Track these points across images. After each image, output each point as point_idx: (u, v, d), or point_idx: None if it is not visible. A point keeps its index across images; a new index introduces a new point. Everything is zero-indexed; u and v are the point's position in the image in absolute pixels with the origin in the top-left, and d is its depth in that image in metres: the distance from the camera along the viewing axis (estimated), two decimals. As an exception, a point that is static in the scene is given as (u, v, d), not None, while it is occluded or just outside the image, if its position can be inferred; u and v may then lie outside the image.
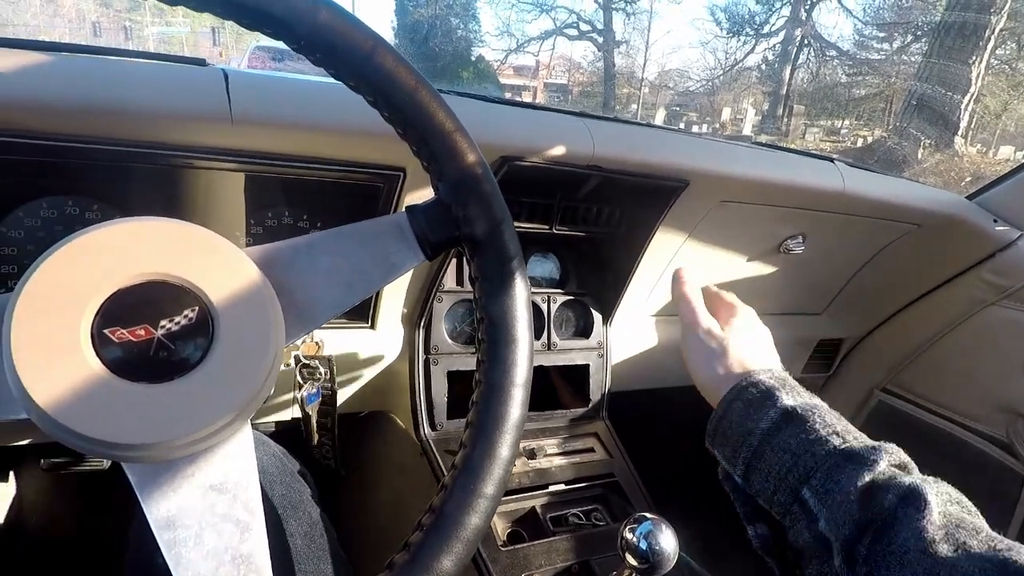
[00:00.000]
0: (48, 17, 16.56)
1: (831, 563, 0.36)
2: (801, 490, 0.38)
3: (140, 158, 0.55)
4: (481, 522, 0.37)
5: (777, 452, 0.39)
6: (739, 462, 0.42)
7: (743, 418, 0.42)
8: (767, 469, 0.40)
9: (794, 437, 0.39)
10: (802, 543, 0.38)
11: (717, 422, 0.44)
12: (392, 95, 0.38)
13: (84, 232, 0.31)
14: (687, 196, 0.79)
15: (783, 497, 0.39)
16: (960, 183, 8.17)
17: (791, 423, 0.40)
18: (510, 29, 20.34)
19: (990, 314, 1.07)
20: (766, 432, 0.40)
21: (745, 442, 0.41)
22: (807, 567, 0.38)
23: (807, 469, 0.38)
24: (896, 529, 0.34)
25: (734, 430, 0.42)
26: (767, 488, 0.40)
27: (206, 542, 0.33)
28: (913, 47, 14.67)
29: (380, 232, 0.40)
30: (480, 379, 0.40)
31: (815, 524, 0.37)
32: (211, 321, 0.33)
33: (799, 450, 0.39)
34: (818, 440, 0.39)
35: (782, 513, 0.39)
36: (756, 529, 0.42)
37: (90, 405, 0.30)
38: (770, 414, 0.41)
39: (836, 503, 0.36)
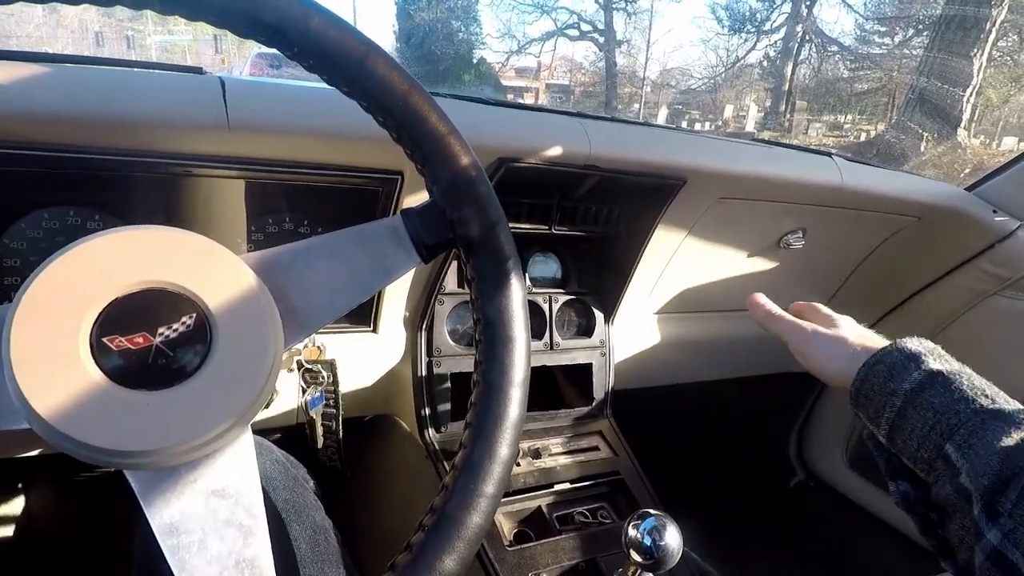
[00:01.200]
0: (51, 28, 16.69)
1: (971, 514, 0.36)
2: (945, 446, 0.38)
3: (140, 167, 0.55)
4: (482, 521, 0.37)
5: (921, 411, 0.40)
6: (883, 421, 0.42)
7: (886, 379, 0.43)
8: (911, 427, 0.40)
9: (938, 396, 0.40)
10: (944, 498, 0.38)
11: (860, 384, 0.44)
12: (385, 100, 0.39)
13: (80, 242, 0.32)
14: (685, 194, 0.79)
15: (927, 453, 0.39)
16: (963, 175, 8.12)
17: (935, 383, 0.41)
18: (511, 31, 20.37)
19: (992, 304, 1.06)
20: (909, 392, 0.41)
21: (888, 402, 0.42)
22: (949, 523, 0.39)
23: (951, 426, 0.38)
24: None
25: (876, 391, 0.43)
26: (910, 445, 0.40)
27: (209, 547, 0.33)
28: (915, 41, 14.61)
29: (376, 235, 0.41)
30: (478, 379, 0.40)
31: (956, 478, 0.37)
32: (209, 327, 0.33)
33: (943, 408, 0.39)
34: (963, 399, 0.39)
35: (926, 470, 0.40)
36: (898, 486, 0.43)
37: (90, 413, 0.30)
38: (914, 375, 0.42)
39: (978, 456, 0.36)
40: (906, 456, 0.41)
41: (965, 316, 1.10)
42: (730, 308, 1.07)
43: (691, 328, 1.04)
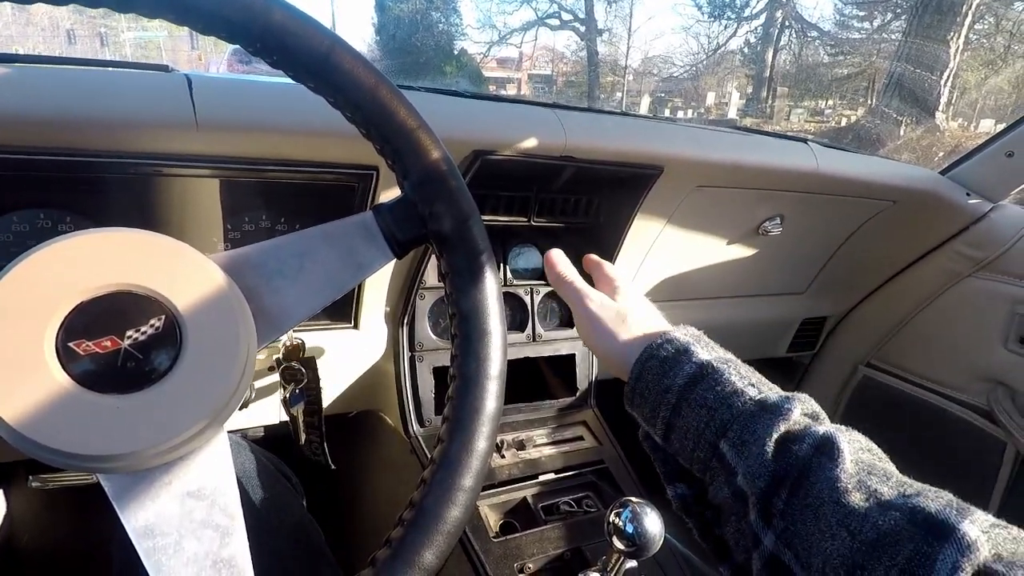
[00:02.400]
0: (20, 27, 16.27)
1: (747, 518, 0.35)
2: (719, 444, 0.37)
3: (109, 168, 0.54)
4: (461, 514, 0.38)
5: (694, 408, 0.38)
6: (659, 422, 0.40)
7: (659, 376, 0.40)
8: (685, 426, 0.39)
9: (710, 391, 0.38)
10: (721, 500, 0.37)
11: (634, 383, 0.42)
12: (352, 95, 0.38)
13: (42, 246, 0.31)
14: (663, 182, 0.80)
15: (702, 453, 0.38)
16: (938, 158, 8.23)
17: (707, 377, 0.39)
18: (492, 21, 20.22)
19: (967, 286, 1.09)
20: (683, 388, 0.39)
21: (663, 400, 0.40)
22: (725, 525, 0.37)
23: (724, 422, 0.37)
24: (811, 480, 0.33)
25: (651, 389, 0.41)
26: (687, 445, 0.39)
27: (186, 549, 0.33)
28: (893, 25, 14.72)
29: (347, 232, 0.40)
30: (454, 373, 0.40)
31: (733, 478, 0.36)
32: (178, 329, 0.33)
33: (716, 404, 0.38)
34: (734, 392, 0.38)
35: (702, 470, 0.38)
36: (676, 489, 0.41)
37: (59, 419, 0.30)
38: (686, 369, 0.40)
39: (752, 455, 0.35)
40: (682, 457, 0.40)
41: (941, 298, 1.13)
42: (711, 296, 1.08)
43: (673, 316, 1.03)
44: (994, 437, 1.04)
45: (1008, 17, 11.77)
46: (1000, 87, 12.02)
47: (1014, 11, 11.66)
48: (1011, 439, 1.01)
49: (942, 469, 1.12)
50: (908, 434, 1.15)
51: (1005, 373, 1.04)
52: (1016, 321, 1.02)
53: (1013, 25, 11.65)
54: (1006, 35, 11.84)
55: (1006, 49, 11.84)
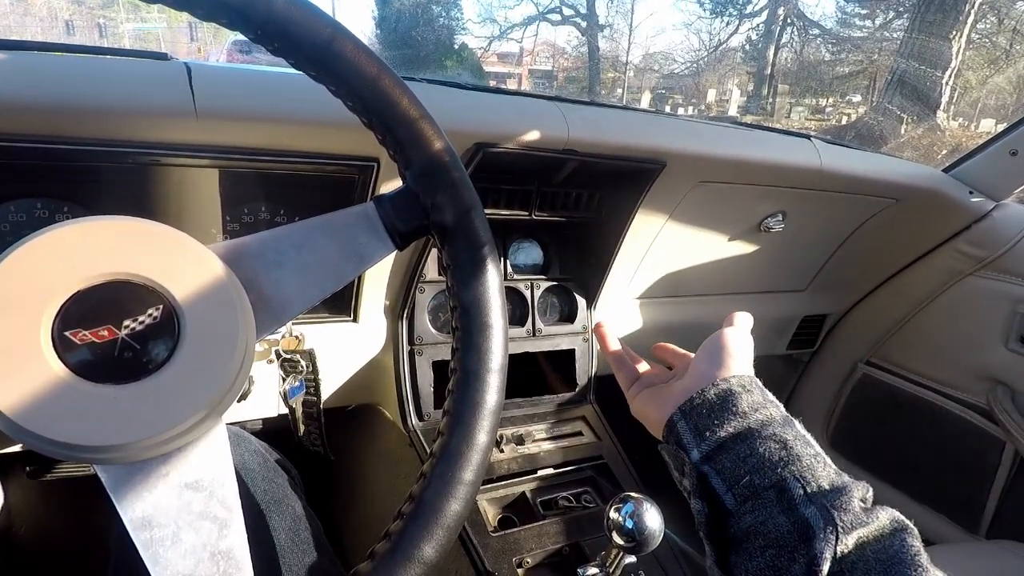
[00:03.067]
0: (19, 16, 16.18)
1: (800, 551, 0.35)
2: (787, 479, 0.37)
3: (107, 157, 0.54)
4: (461, 508, 0.37)
5: (768, 441, 0.39)
6: (713, 438, 0.41)
7: (736, 402, 0.41)
8: (747, 452, 0.39)
9: (792, 437, 0.39)
10: (768, 528, 0.36)
11: (712, 396, 0.42)
12: (354, 84, 0.38)
13: (39, 233, 0.31)
14: (665, 177, 0.79)
15: (760, 480, 0.38)
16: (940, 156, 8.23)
17: (793, 427, 0.40)
18: (493, 16, 20.14)
19: (968, 285, 1.08)
20: (765, 421, 0.40)
21: (730, 421, 0.40)
22: (753, 557, 0.37)
23: (801, 466, 0.38)
24: (888, 543, 0.34)
25: (726, 408, 0.41)
26: (739, 469, 0.39)
27: (184, 540, 0.33)
28: (895, 23, 14.68)
29: (348, 223, 0.40)
30: (455, 367, 0.40)
31: (797, 510, 0.36)
32: (176, 319, 0.32)
33: (794, 448, 0.38)
34: (816, 454, 0.39)
35: (744, 496, 0.38)
36: (702, 505, 0.40)
37: (55, 409, 0.29)
38: (770, 410, 0.41)
39: (830, 498, 0.36)
40: (722, 477, 0.39)
41: (942, 296, 1.12)
42: (711, 292, 1.08)
43: (673, 312, 1.05)
44: (993, 436, 1.04)
45: (1011, 16, 11.74)
46: (1001, 86, 12.00)
47: (1017, 10, 11.62)
48: (1010, 438, 1.01)
49: (941, 468, 1.12)
50: (907, 432, 1.15)
51: (1005, 372, 1.03)
52: (1017, 320, 1.02)
53: (1016, 24, 11.62)
54: (1009, 34, 11.81)
55: (1008, 48, 11.81)
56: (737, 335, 0.47)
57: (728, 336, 0.46)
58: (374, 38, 18.06)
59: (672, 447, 0.43)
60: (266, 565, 0.50)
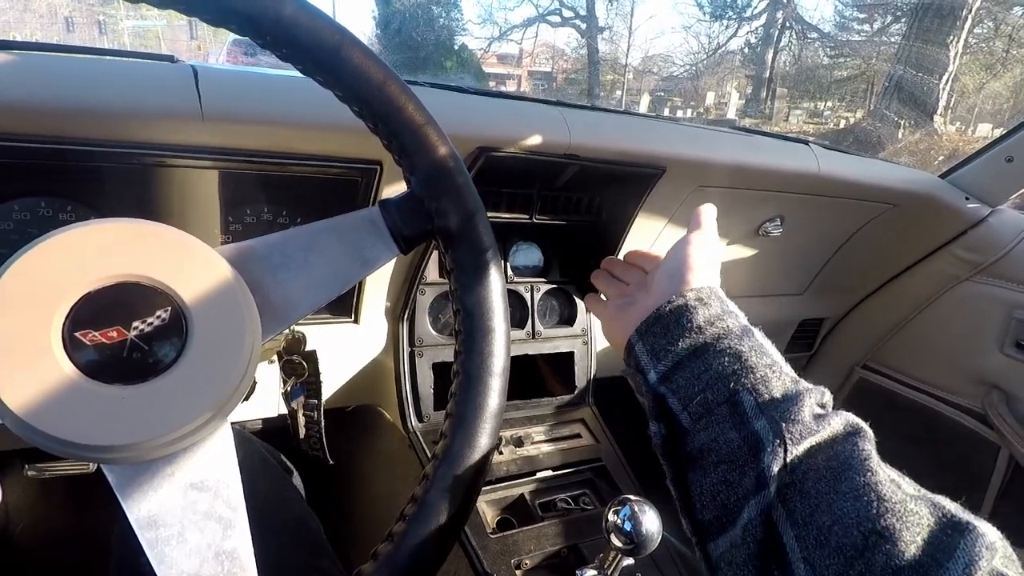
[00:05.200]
0: (18, 12, 16.13)
1: (749, 467, 0.35)
2: (740, 392, 0.37)
3: (112, 158, 0.54)
4: (462, 510, 0.38)
5: (723, 356, 0.38)
6: (669, 357, 0.40)
7: (692, 315, 0.41)
8: (701, 368, 0.38)
9: (748, 350, 0.38)
10: (719, 444, 0.37)
11: (669, 314, 0.41)
12: (360, 89, 0.38)
13: (51, 235, 0.31)
14: (665, 182, 0.80)
15: (712, 395, 0.38)
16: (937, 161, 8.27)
17: (752, 336, 0.39)
18: (492, 17, 20.16)
19: (964, 290, 1.09)
20: (721, 333, 0.39)
21: (687, 338, 0.40)
22: (707, 475, 0.37)
23: (754, 377, 0.37)
24: (840, 446, 0.34)
25: (681, 326, 0.40)
26: (692, 386, 0.39)
27: (189, 540, 0.33)
28: (893, 28, 14.74)
29: (353, 227, 0.40)
30: (457, 370, 0.40)
31: (748, 424, 0.36)
32: (184, 321, 0.33)
33: (748, 359, 0.38)
34: (772, 364, 0.38)
35: (699, 414, 0.38)
36: (659, 427, 0.40)
37: (64, 409, 0.30)
38: (729, 322, 0.40)
39: (780, 408, 0.35)
40: (677, 396, 0.39)
41: (938, 301, 1.13)
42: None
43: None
44: (988, 441, 1.05)
45: (1007, 22, 11.80)
46: (998, 92, 12.05)
47: (1013, 15, 11.68)
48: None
49: (936, 471, 1.12)
50: (903, 436, 1.16)
51: (1001, 377, 1.04)
52: (1013, 325, 1.02)
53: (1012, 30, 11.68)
54: (1005, 39, 11.87)
55: (1005, 53, 11.87)
56: (699, 241, 0.46)
57: (690, 246, 0.46)
58: (374, 38, 18.05)
59: (631, 370, 0.43)
60: (268, 566, 0.50)
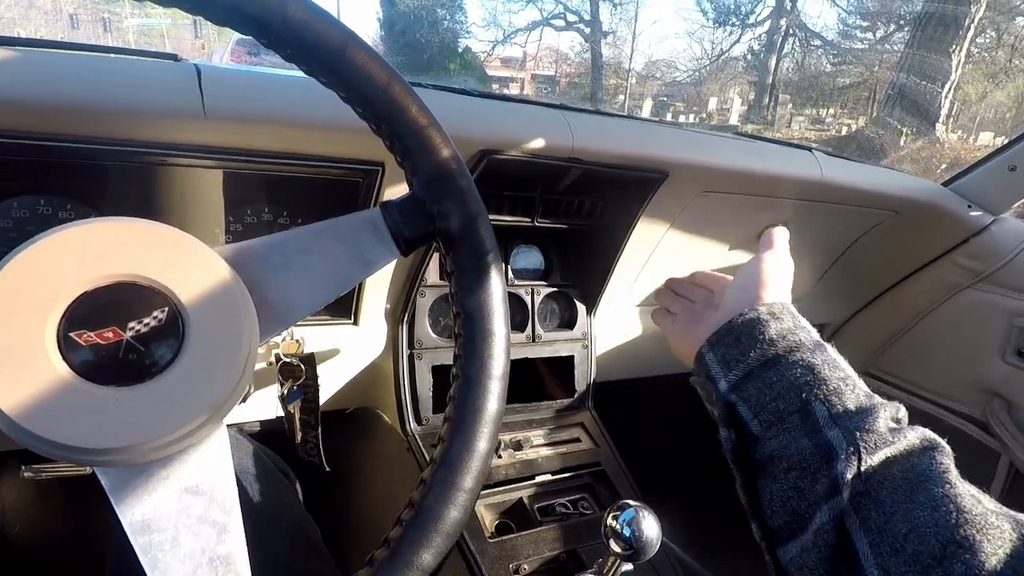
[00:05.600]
0: (23, 9, 16.17)
1: (822, 474, 0.35)
2: (812, 402, 0.37)
3: (113, 156, 0.54)
4: (460, 515, 0.37)
5: (795, 367, 0.39)
6: (741, 367, 0.41)
7: (764, 330, 0.41)
8: (774, 378, 0.39)
9: (821, 363, 0.39)
10: (791, 452, 0.37)
11: (728, 329, 0.42)
12: (364, 90, 0.38)
13: (47, 234, 0.31)
14: (667, 187, 0.79)
15: (784, 405, 0.38)
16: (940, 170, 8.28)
17: (824, 351, 0.40)
18: (497, 20, 20.22)
19: (965, 297, 1.09)
20: (793, 346, 0.40)
21: (760, 349, 0.40)
22: (775, 481, 0.37)
23: (828, 389, 0.38)
24: (916, 459, 0.34)
25: (752, 336, 0.41)
26: (764, 396, 0.39)
27: (182, 545, 0.32)
28: (896, 36, 14.78)
29: (354, 228, 0.40)
30: (457, 373, 0.40)
31: (821, 433, 0.36)
32: (181, 322, 0.32)
33: (821, 372, 0.38)
34: (845, 377, 0.39)
35: (770, 422, 0.39)
36: (730, 433, 0.41)
37: (58, 410, 0.29)
38: (800, 336, 0.41)
39: (855, 419, 0.36)
40: (748, 405, 0.40)
41: (939, 309, 1.13)
42: (711, 301, 1.08)
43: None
44: (989, 448, 1.04)
45: (1010, 32, 11.82)
46: (1000, 101, 12.07)
47: (1016, 26, 11.70)
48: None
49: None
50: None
51: (1002, 385, 1.04)
52: (1014, 333, 1.02)
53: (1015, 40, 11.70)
54: (1008, 49, 11.89)
55: (1008, 63, 11.89)
56: (771, 259, 0.47)
57: (762, 263, 0.47)
58: (378, 40, 18.10)
59: (702, 379, 0.44)
60: (264, 571, 0.50)
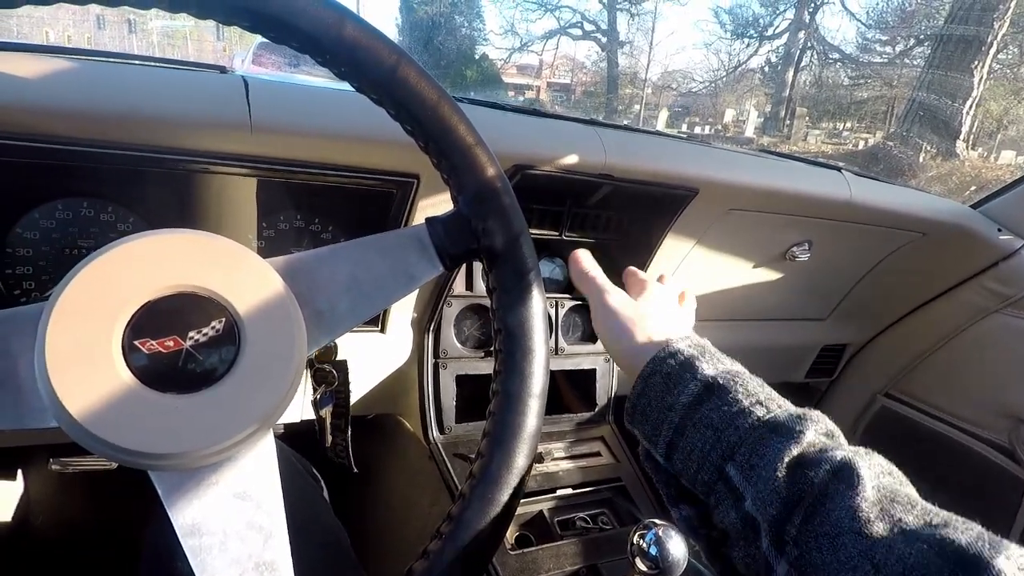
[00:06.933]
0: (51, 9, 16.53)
1: (758, 544, 0.34)
2: (725, 467, 0.35)
3: (157, 163, 0.55)
4: (498, 530, 0.38)
5: (699, 428, 0.37)
6: (660, 441, 0.39)
7: (663, 393, 0.39)
8: (689, 447, 0.37)
9: (716, 411, 0.37)
10: (728, 524, 0.36)
11: (636, 399, 0.41)
12: (414, 109, 0.39)
13: (114, 245, 0.32)
14: (696, 204, 0.80)
15: (707, 476, 0.36)
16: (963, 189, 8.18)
17: (713, 395, 0.37)
18: (514, 28, 20.35)
19: (993, 322, 1.08)
20: (687, 407, 0.38)
21: (666, 419, 0.38)
22: (734, 549, 0.36)
23: (730, 445, 0.35)
24: (828, 507, 0.32)
25: (654, 407, 0.39)
26: (690, 467, 0.37)
27: (230, 549, 0.33)
28: (916, 51, 14.68)
29: (400, 244, 0.41)
30: (497, 389, 0.40)
31: (741, 503, 0.34)
32: (238, 332, 0.33)
33: (721, 424, 0.36)
34: (741, 412, 0.36)
35: (706, 492, 0.37)
36: (680, 511, 0.40)
37: (121, 415, 0.30)
38: (690, 387, 0.38)
39: (762, 479, 0.33)
40: (685, 478, 0.38)
41: (966, 332, 1.12)
42: (733, 317, 1.07)
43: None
44: (1015, 476, 1.03)
45: (1034, 49, 11.69)
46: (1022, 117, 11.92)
47: (1040, 43, 11.58)
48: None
49: (959, 507, 1.09)
50: (925, 468, 1.13)
51: (1028, 412, 1.02)
52: (1042, 360, 1.01)
53: (1039, 57, 11.57)
54: (1031, 67, 11.75)
55: (1031, 81, 11.76)
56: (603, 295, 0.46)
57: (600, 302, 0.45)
58: (396, 45, 18.22)
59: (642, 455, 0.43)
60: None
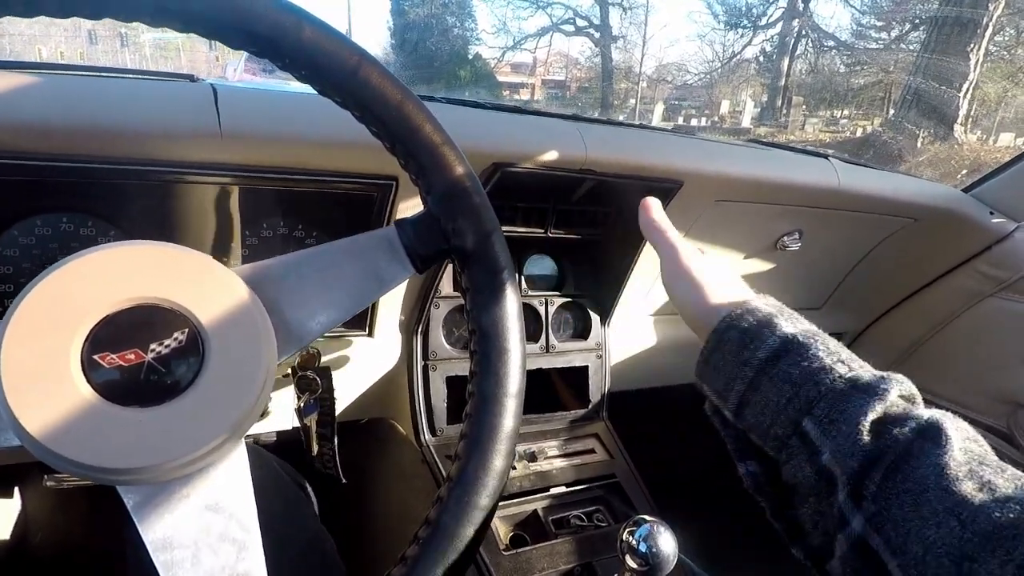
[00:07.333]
0: (43, 26, 16.55)
1: (832, 499, 0.33)
2: (802, 421, 0.35)
3: (133, 175, 0.55)
4: (477, 533, 0.38)
5: (776, 383, 0.36)
6: (732, 395, 0.38)
7: (739, 348, 0.38)
8: (763, 401, 0.36)
9: (795, 366, 0.36)
10: (800, 479, 0.35)
11: (709, 354, 0.40)
12: (379, 110, 0.38)
13: (71, 258, 0.32)
14: (682, 196, 0.79)
15: (781, 430, 0.36)
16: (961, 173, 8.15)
17: (791, 351, 0.36)
18: (506, 26, 20.34)
19: (988, 306, 1.07)
20: (764, 361, 0.37)
21: (740, 374, 0.38)
22: (802, 505, 0.35)
23: (809, 399, 0.35)
24: (912, 464, 0.31)
25: (728, 361, 0.39)
26: (763, 422, 0.37)
27: (203, 562, 0.33)
28: (911, 35, 14.62)
29: (369, 246, 0.40)
30: (472, 391, 0.40)
31: (817, 457, 0.34)
32: (201, 342, 0.33)
33: (801, 379, 0.35)
34: (822, 369, 0.35)
35: (778, 448, 0.36)
36: (747, 467, 0.39)
37: (82, 431, 0.30)
38: (768, 343, 0.37)
39: (842, 434, 0.33)
40: (756, 433, 0.38)
41: (961, 317, 1.11)
42: (727, 309, 1.07)
43: (687, 330, 1.04)
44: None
45: (1029, 29, 11.65)
46: (1021, 100, 11.87)
47: (1035, 23, 11.53)
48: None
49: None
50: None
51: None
52: (1039, 342, 1.00)
53: (1034, 38, 11.53)
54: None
55: (1027, 62, 11.71)
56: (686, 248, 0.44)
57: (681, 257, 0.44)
58: (388, 48, 18.27)
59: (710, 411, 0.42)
60: None
